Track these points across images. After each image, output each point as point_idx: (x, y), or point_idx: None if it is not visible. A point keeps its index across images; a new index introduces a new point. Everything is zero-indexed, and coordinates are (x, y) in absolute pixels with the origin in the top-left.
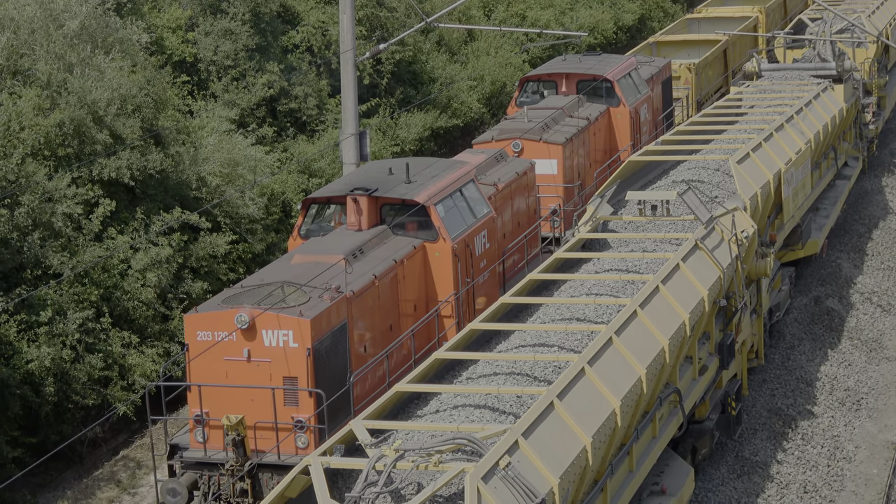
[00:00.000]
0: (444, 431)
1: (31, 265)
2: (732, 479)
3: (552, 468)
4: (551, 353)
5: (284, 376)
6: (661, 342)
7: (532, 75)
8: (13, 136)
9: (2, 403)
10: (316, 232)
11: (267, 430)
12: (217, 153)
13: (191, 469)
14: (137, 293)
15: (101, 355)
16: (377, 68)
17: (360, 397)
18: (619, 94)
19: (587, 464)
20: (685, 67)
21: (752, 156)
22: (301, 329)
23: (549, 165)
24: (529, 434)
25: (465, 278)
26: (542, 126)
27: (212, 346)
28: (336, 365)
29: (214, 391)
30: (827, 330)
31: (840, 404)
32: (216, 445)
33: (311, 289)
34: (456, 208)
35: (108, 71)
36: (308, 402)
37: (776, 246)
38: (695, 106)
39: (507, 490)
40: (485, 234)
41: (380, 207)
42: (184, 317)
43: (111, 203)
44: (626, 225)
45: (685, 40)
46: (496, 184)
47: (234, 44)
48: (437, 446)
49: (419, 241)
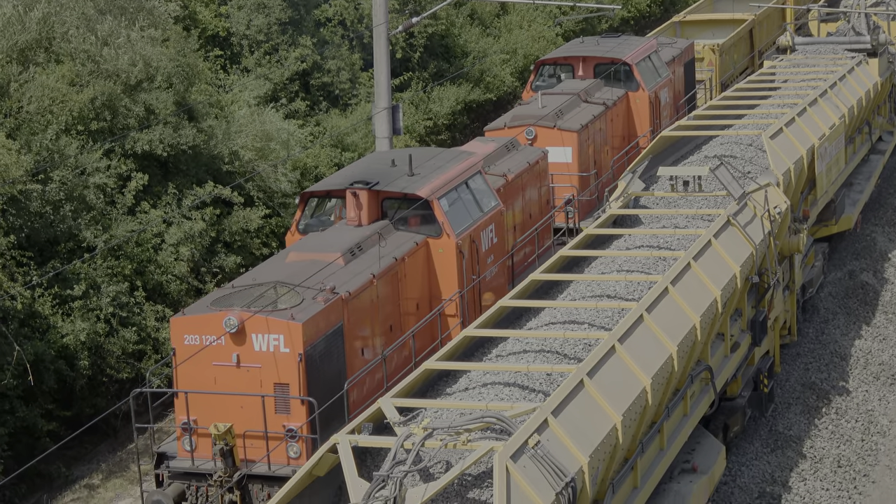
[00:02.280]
0: (472, 410)
1: (65, 239)
2: (766, 454)
3: (582, 447)
4: (581, 330)
5: (275, 383)
6: (693, 319)
7: (548, 58)
8: (46, 111)
9: (37, 377)
10: (315, 226)
11: (257, 439)
12: (249, 127)
13: (178, 479)
14: (171, 267)
15: (134, 329)
16: (410, 42)
17: (358, 402)
18: (637, 78)
19: (617, 442)
20: (709, 48)
21: (785, 131)
22: (292, 333)
23: (564, 153)
24: (559, 412)
25: (470, 275)
26: (556, 112)
27: (199, 351)
28: (331, 370)
29: (202, 398)
30: (861, 304)
31: (874, 378)
32: (205, 454)
33: (305, 289)
34: (461, 202)
35: (139, 43)
36: (300, 409)
37: (809, 222)
38: (718, 88)
39: (537, 469)
40: (492, 229)
41: (381, 201)
42: (170, 320)
43: (144, 177)
44: (657, 201)
45: (710, 20)
46: (506, 174)
47: (267, 17)
48: (466, 425)
49: (422, 236)
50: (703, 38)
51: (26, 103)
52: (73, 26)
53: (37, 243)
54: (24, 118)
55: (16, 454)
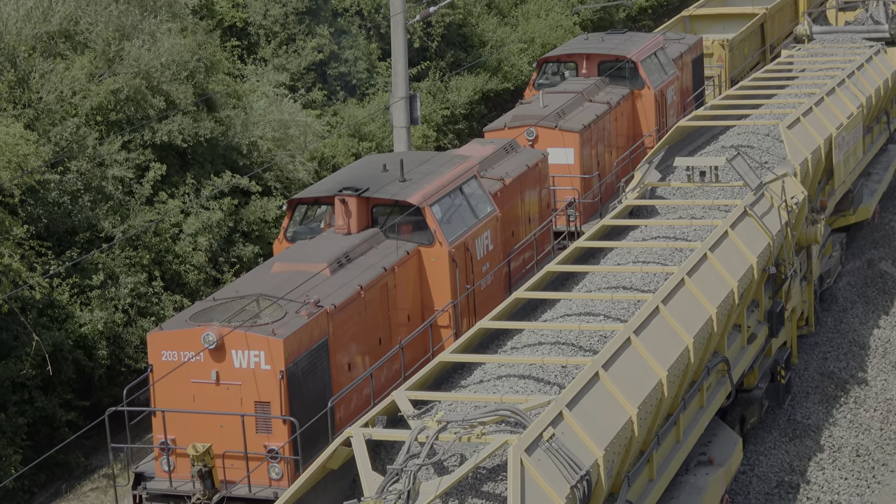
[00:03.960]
0: (487, 402)
1: (83, 229)
2: (784, 443)
3: (597, 440)
4: (597, 322)
5: (256, 401)
6: (709, 311)
7: (551, 56)
8: (66, 102)
9: (56, 367)
10: (304, 234)
11: (237, 460)
12: (267, 117)
13: (156, 501)
14: (189, 257)
15: (153, 319)
16: (427, 31)
17: (345, 420)
18: (643, 76)
19: (633, 435)
20: (718, 44)
21: (802, 120)
22: (273, 349)
23: (565, 155)
24: (574, 405)
25: (464, 284)
26: (557, 112)
27: (177, 368)
28: (314, 387)
29: (181, 416)
30: (880, 293)
31: (893, 367)
32: (184, 475)
33: (288, 302)
34: (455, 208)
35: (160, 36)
36: (282, 429)
37: (827, 212)
38: (728, 84)
39: (551, 462)
40: (487, 236)
41: (371, 208)
42: (147, 335)
43: (162, 167)
44: (673, 191)
45: (720, 13)
46: (503, 178)
47: (284, 7)
48: (480, 418)
49: (413, 245)
50: (714, 32)
51: (46, 94)
52: (97, 20)
53: (55, 233)
54: (43, 109)
55: (35, 444)
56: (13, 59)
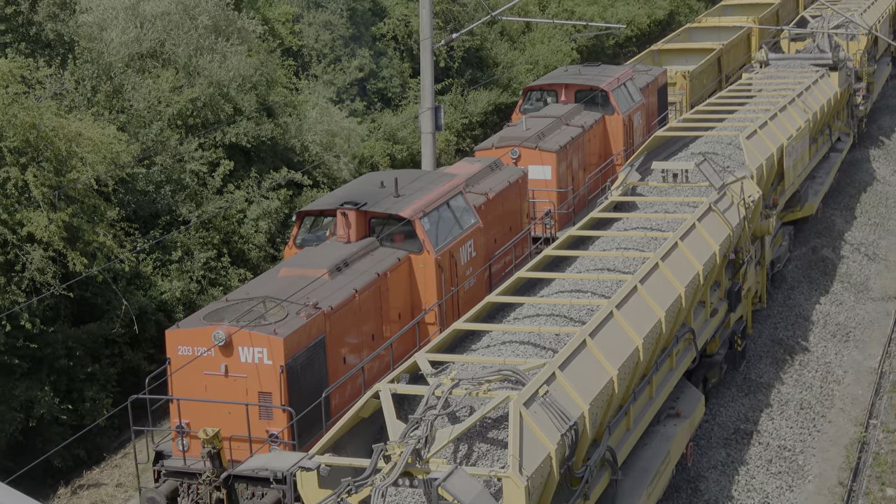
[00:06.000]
0: (492, 364)
1: (164, 213)
2: (740, 398)
3: (584, 396)
4: (585, 298)
5: (259, 392)
6: (679, 289)
7: (535, 85)
8: (152, 109)
9: (141, 327)
10: (311, 241)
11: (243, 442)
12: (318, 125)
13: (172, 477)
14: (251, 238)
15: (221, 289)
16: (450, 54)
17: (340, 406)
18: (613, 104)
19: (613, 392)
20: (680, 74)
21: (758, 132)
22: (274, 347)
23: (544, 171)
24: (565, 367)
25: (449, 287)
26: (538, 134)
27: (191, 362)
28: (312, 379)
29: (194, 403)
30: (822, 275)
31: (832, 336)
32: (197, 454)
33: (291, 304)
34: (442, 220)
35: (230, 55)
36: (281, 416)
37: (778, 208)
38: (688, 109)
39: (545, 414)
40: (471, 244)
41: (368, 220)
42: (165, 332)
43: (230, 163)
44: (651, 190)
45: (684, 48)
46: (487, 193)
47: (332, 34)
48: (487, 376)
49: (404, 252)
50: (678, 64)
51: (136, 102)
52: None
53: (141, 216)
54: (133, 114)
55: (123, 390)
56: (110, 73)
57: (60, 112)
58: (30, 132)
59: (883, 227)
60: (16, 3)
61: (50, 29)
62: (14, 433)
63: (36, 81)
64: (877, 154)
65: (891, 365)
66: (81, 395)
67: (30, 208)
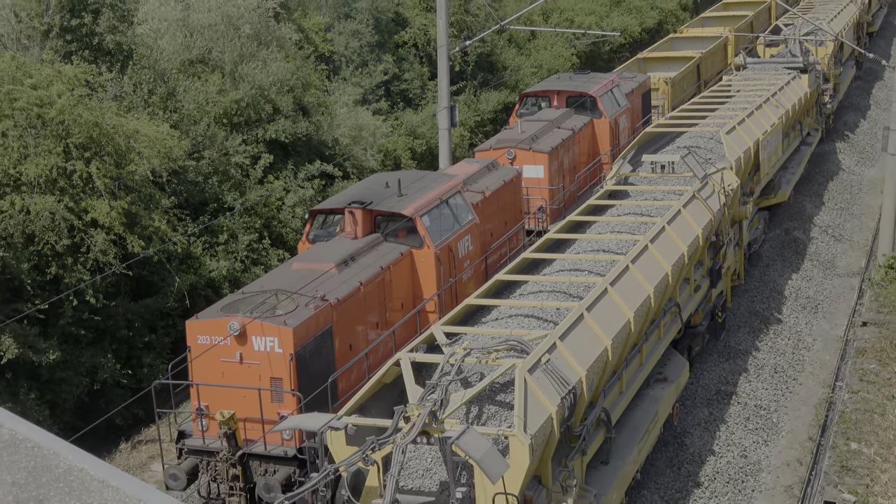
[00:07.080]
0: (500, 335)
1: (212, 201)
2: (721, 363)
3: (581, 363)
4: (583, 276)
5: (271, 377)
6: (666, 268)
7: (530, 91)
8: (201, 109)
9: (192, 301)
10: (322, 237)
11: (256, 424)
12: (347, 121)
13: (192, 454)
14: (289, 222)
15: (262, 268)
16: (464, 59)
17: (347, 389)
18: (601, 108)
19: (608, 359)
20: (663, 81)
21: (737, 128)
22: (284, 336)
23: (537, 171)
24: (564, 337)
25: (448, 278)
26: (531, 137)
27: (209, 350)
28: (320, 365)
29: (212, 388)
30: (794, 254)
31: (802, 308)
32: (215, 434)
33: (300, 296)
34: (441, 217)
35: (270, 62)
36: (291, 400)
37: (754, 195)
38: (670, 111)
39: (547, 380)
40: (468, 238)
41: (374, 218)
42: (185, 323)
43: (270, 157)
44: (641, 179)
45: (667, 56)
46: (484, 192)
47: (360, 41)
48: (495, 346)
49: (407, 247)
50: (661, 71)
51: (187, 103)
52: (224, 49)
53: (192, 204)
54: (184, 114)
55: (176, 356)
56: (164, 78)
57: (120, 112)
58: (93, 130)
59: (848, 212)
60: (80, 16)
61: (110, 39)
62: (81, 395)
63: (98, 85)
64: (842, 147)
65: (854, 333)
66: (140, 362)
67: (93, 197)
